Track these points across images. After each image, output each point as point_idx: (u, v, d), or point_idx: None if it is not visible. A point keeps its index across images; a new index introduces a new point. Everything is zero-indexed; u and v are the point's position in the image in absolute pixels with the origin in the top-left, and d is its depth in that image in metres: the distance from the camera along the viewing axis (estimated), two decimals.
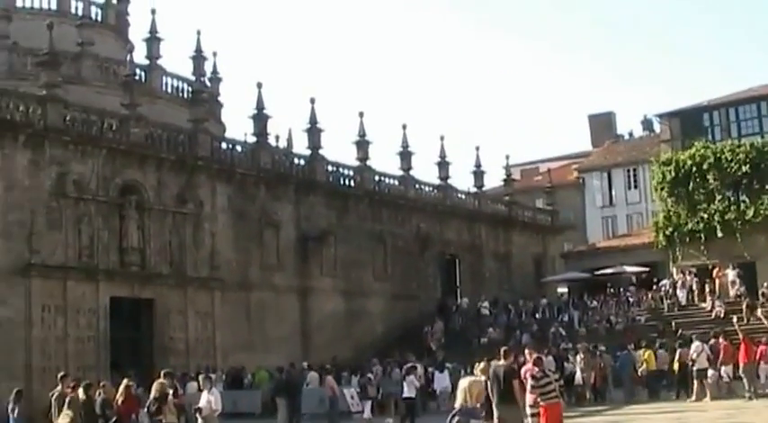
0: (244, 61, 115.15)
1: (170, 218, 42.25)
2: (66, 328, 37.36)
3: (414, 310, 52.66)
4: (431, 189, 57.54)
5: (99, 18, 53.37)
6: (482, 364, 22.25)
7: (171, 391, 21.93)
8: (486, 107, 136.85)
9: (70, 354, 37.07)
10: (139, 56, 50.18)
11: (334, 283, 49.28)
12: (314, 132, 49.93)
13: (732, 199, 53.86)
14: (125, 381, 25.79)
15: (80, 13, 51.01)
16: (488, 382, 18.91)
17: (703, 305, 47.25)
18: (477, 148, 62.20)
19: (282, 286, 46.59)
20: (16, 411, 25.33)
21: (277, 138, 57.29)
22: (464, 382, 18.89)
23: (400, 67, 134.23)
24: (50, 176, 37.95)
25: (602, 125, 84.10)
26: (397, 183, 54.95)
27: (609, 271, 54.81)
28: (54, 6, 51.86)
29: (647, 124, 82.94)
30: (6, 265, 36.18)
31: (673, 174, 55.02)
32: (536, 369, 19.16)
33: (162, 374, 23.15)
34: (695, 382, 33.24)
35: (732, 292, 47.44)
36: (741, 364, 32.53)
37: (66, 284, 37.76)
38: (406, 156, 55.32)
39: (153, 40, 50.85)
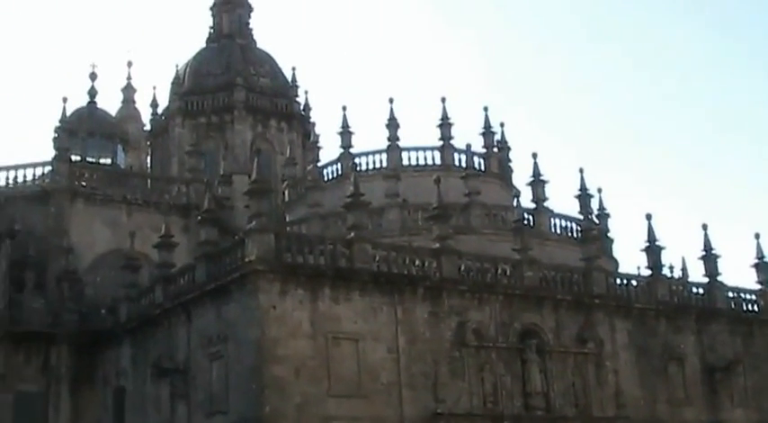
0: (627, 194, 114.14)
1: (571, 359, 41.91)
2: None
3: None
4: None
5: (482, 167, 54.36)
6: None
7: None
8: None
9: None
10: (525, 200, 50.77)
11: (746, 414, 46.82)
12: (710, 259, 48.41)
13: None
14: None
15: (464, 164, 52.20)
16: None
17: None
18: None
19: (692, 421, 44.83)
20: None
21: (671, 268, 56.16)
22: None
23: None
24: (450, 326, 38.85)
25: None
26: None
27: None
28: (438, 161, 53.35)
29: None
30: (414, 415, 37.04)
31: None
32: None
33: None
34: None
35: None
36: None
37: None
38: None
39: (537, 183, 51.33)
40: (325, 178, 54.41)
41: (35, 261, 48.03)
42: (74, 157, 54.13)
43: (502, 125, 57.95)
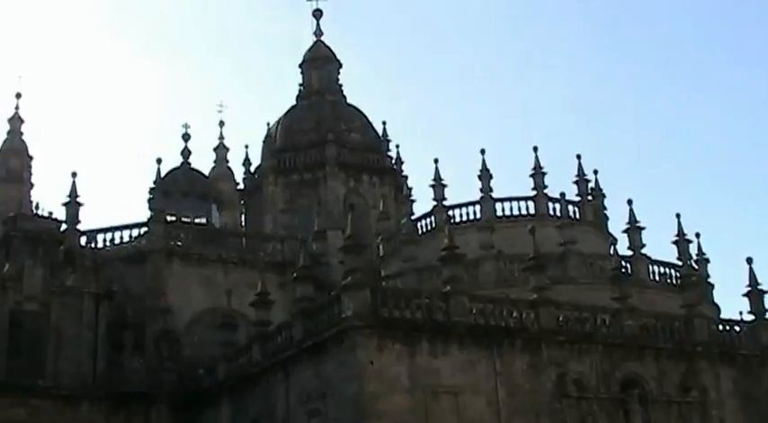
0: (726, 237, 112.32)
1: (675, 408, 40.99)
2: None
3: None
4: None
5: (577, 216, 53.94)
6: None
7: None
8: None
9: None
10: (622, 247, 50.17)
11: None
12: None
13: None
14: None
15: (558, 213, 51.84)
16: None
17: None
18: None
19: None
20: None
21: None
22: None
23: None
24: (550, 378, 38.28)
25: None
26: None
27: None
28: (532, 211, 52.92)
29: None
30: None
31: None
32: None
33: None
34: None
35: None
36: None
37: None
38: None
39: (633, 230, 50.83)
40: (420, 231, 54.33)
41: (133, 321, 48.47)
42: (169, 218, 54.67)
43: (596, 172, 57.45)
